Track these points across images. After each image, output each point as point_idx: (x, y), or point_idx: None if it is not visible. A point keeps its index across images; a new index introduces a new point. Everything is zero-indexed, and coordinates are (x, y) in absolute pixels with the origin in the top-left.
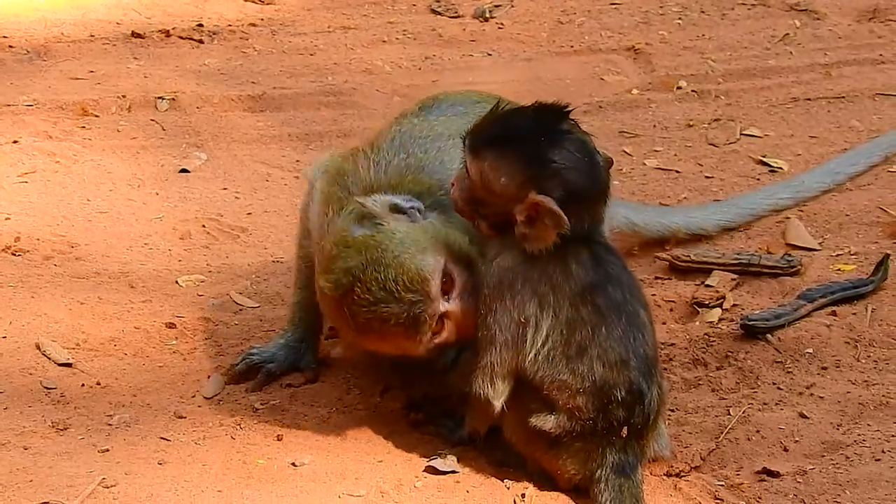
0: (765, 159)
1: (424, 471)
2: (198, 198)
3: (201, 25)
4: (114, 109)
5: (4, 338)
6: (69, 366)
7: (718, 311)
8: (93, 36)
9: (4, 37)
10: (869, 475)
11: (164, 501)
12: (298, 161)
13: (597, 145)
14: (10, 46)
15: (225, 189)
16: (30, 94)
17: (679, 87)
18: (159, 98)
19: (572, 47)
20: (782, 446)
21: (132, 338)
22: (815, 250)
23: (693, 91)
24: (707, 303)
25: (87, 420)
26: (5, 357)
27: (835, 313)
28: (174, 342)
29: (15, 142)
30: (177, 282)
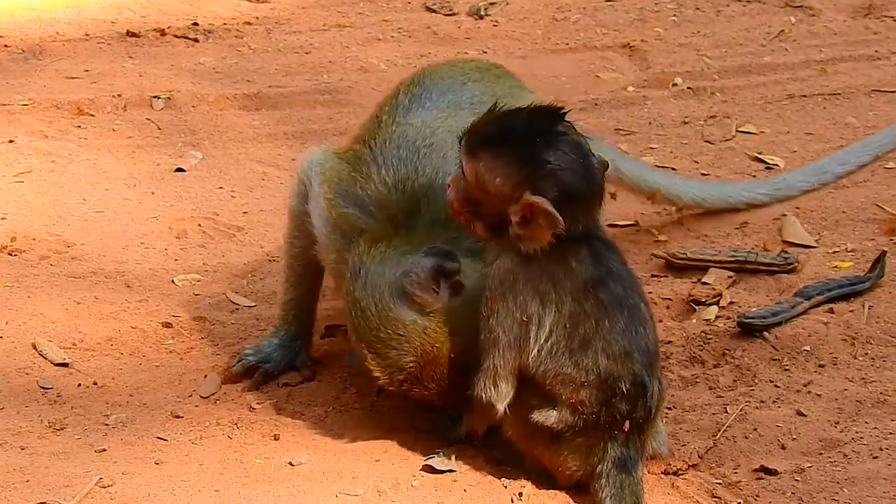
0: (760, 156)
1: (422, 470)
2: (194, 197)
3: (196, 24)
4: (109, 108)
5: (1, 338)
6: (66, 365)
7: (715, 309)
8: (88, 35)
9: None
10: (866, 473)
11: (161, 501)
12: (294, 159)
13: (593, 148)
14: (5, 46)
15: (221, 188)
16: (25, 94)
17: (675, 85)
18: (155, 97)
19: (567, 45)
20: (780, 444)
21: (129, 337)
22: (812, 247)
23: (689, 88)
24: (704, 300)
25: (83, 420)
26: (1, 357)
27: (832, 310)
28: (171, 341)
29: (11, 141)
30: (173, 281)
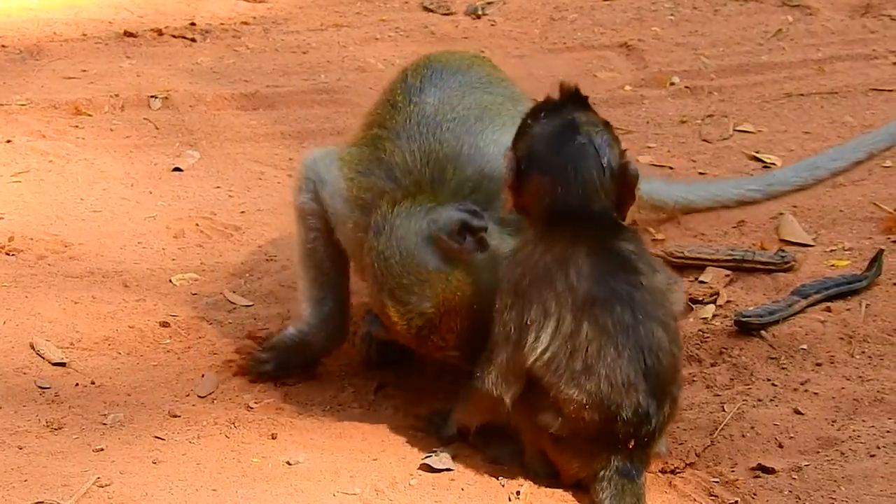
0: (758, 155)
1: (419, 468)
2: (191, 196)
3: (194, 24)
4: (107, 108)
5: None
6: (63, 365)
7: (712, 308)
8: (85, 35)
9: None
10: (864, 471)
11: (158, 500)
12: (291, 159)
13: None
14: (2, 46)
15: (218, 187)
16: (23, 94)
17: (672, 84)
18: (152, 97)
19: (565, 44)
20: (777, 442)
21: (126, 337)
22: (809, 246)
23: (686, 87)
24: (701, 299)
25: (81, 419)
26: None
27: (829, 309)
28: (168, 341)
29: (8, 141)
30: (170, 280)
